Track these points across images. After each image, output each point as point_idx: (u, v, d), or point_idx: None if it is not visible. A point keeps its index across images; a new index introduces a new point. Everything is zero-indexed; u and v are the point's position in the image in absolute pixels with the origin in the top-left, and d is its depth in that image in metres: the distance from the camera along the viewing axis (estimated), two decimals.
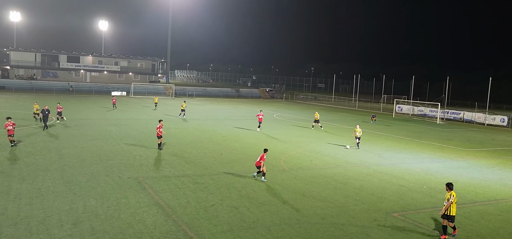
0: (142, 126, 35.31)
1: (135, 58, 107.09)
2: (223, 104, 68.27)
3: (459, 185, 19.71)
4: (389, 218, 14.46)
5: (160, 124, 25.05)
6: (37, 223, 12.44)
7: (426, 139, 36.20)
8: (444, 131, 44.00)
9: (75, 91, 78.97)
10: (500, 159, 27.73)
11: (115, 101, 52.31)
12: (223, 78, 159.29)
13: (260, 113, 36.96)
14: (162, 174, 18.97)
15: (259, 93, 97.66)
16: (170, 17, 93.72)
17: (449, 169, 23.48)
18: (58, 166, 19.57)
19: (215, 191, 16.59)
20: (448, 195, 12.84)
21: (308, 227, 13.17)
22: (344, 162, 23.96)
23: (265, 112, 54.02)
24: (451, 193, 12.81)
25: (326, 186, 18.16)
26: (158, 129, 24.93)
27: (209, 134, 32.29)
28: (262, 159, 18.52)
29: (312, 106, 74.85)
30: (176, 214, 13.81)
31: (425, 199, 17.07)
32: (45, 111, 30.41)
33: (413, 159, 26.00)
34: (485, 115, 54.77)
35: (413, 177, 20.87)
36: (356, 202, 16.08)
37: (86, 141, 26.65)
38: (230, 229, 12.72)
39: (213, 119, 43.86)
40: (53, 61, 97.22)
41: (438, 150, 30.31)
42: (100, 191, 15.83)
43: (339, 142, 31.32)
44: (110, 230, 12.15)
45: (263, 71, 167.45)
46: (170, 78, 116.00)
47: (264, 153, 18.87)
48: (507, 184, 20.59)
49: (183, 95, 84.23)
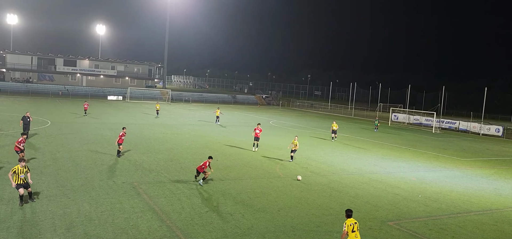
0: (138, 130, 35.19)
1: (132, 62, 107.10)
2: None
3: (454, 194, 19.74)
4: (384, 226, 14.44)
5: (123, 132, 23.65)
6: (30, 227, 12.33)
7: (422, 147, 36.30)
8: (439, 140, 44.15)
9: (70, 94, 78.70)
10: (495, 169, 27.83)
11: (87, 107, 46.46)
12: (220, 84, 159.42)
13: (258, 127, 29.20)
14: (157, 179, 18.89)
15: (255, 100, 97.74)
16: (168, 22, 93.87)
17: (444, 178, 23.53)
18: (52, 169, 19.43)
19: (210, 197, 16.52)
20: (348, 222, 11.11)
21: (303, 235, 13.12)
22: (340, 169, 23.96)
23: (262, 119, 54.13)
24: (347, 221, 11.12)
25: (321, 194, 18.14)
26: (120, 136, 23.31)
27: (205, 140, 32.22)
28: (205, 166, 18.22)
29: (308, 114, 74.94)
30: (170, 219, 13.73)
31: (420, 208, 17.08)
32: (26, 119, 27.75)
33: (408, 168, 26.04)
34: (480, 125, 55.04)
35: (408, 185, 20.88)
36: None
37: (81, 144, 26.52)
38: (224, 235, 12.66)
39: (210, 125, 43.80)
40: (49, 64, 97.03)
41: (434, 159, 30.38)
42: (94, 196, 15.72)
43: (335, 149, 31.33)
44: (104, 235, 12.05)
45: (260, 77, 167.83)
46: (167, 84, 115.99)
47: (208, 160, 18.50)
48: (502, 194, 20.65)
49: (179, 101, 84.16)
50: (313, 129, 46.73)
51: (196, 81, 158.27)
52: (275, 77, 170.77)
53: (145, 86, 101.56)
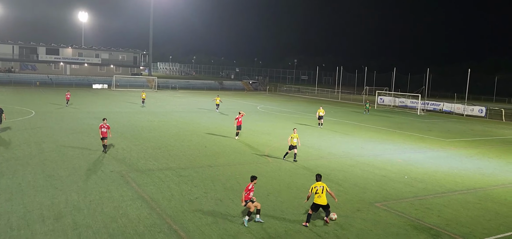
0: (125, 119, 34.89)
1: (116, 50, 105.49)
2: (206, 96, 67.96)
3: (439, 174, 20.14)
4: (372, 208, 14.69)
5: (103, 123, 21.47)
6: (18, 219, 12.21)
7: (407, 129, 36.80)
8: (424, 121, 44.80)
9: (54, 83, 77.40)
10: (479, 149, 28.41)
11: (69, 97, 43.43)
12: (206, 70, 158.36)
13: (239, 115, 27.64)
14: (146, 167, 18.82)
15: (242, 86, 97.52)
16: (152, 8, 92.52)
17: (429, 159, 23.95)
18: (39, 160, 19.20)
19: (199, 184, 16.55)
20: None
21: (292, 218, 13.28)
22: (328, 153, 24.18)
23: (249, 105, 54.13)
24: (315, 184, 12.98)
25: (310, 178, 18.31)
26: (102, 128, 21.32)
27: (192, 127, 32.13)
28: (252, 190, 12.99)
29: (296, 98, 75.15)
30: (160, 207, 13.74)
31: (407, 188, 17.39)
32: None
33: (394, 150, 26.42)
34: (464, 106, 55.96)
35: (394, 167, 21.22)
36: (340, 192, 16.27)
37: (67, 134, 26.21)
38: (214, 221, 12.73)
39: (197, 112, 43.64)
40: (31, 53, 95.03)
41: (419, 140, 30.86)
42: (82, 185, 15.62)
43: (323, 133, 31.56)
44: (93, 225, 12.02)
45: (246, 63, 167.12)
46: (153, 71, 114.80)
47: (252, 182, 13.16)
48: (485, 173, 21.13)
49: (166, 88, 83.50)
50: (301, 113, 46.94)
51: (182, 68, 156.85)
52: (262, 62, 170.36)
53: (131, 74, 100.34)
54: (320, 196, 12.72)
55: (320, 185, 12.91)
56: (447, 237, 12.35)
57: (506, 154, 26.79)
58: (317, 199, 12.76)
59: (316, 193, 12.78)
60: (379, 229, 12.71)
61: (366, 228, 12.79)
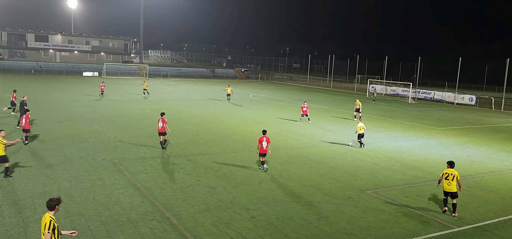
0: (116, 107, 34.69)
1: (107, 37, 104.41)
2: (198, 84, 67.72)
3: (430, 162, 20.38)
4: (363, 195, 14.85)
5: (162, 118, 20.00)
6: (9, 207, 12.16)
7: (399, 118, 37.08)
8: (415, 110, 45.16)
9: (44, 71, 76.46)
10: (468, 137, 28.75)
11: (104, 88, 42.96)
12: (198, 58, 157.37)
13: (304, 105, 31.84)
14: (138, 156, 18.79)
15: (235, 74, 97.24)
16: None
17: (420, 147, 24.20)
18: (29, 148, 19.06)
19: (191, 172, 16.58)
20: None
21: (284, 206, 13.38)
22: (320, 141, 24.32)
23: (240, 93, 54.03)
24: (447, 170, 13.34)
25: (302, 165, 18.43)
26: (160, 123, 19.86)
27: (184, 115, 32.05)
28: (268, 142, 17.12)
29: (288, 86, 75.14)
30: (153, 195, 13.75)
31: (397, 176, 17.59)
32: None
33: (386, 138, 26.63)
34: (454, 94, 56.46)
35: (385, 155, 21.42)
36: (331, 180, 16.42)
37: (58, 122, 26.01)
38: (207, 208, 12.79)
39: (189, 100, 43.49)
40: (20, 40, 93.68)
41: (410, 128, 31.13)
42: (74, 174, 15.56)
43: (314, 122, 31.68)
44: (86, 213, 12.01)
45: (238, 51, 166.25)
46: (144, 58, 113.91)
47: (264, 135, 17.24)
48: (475, 160, 21.42)
49: (157, 76, 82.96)
50: (293, 101, 47.01)
51: (173, 56, 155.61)
52: (254, 50, 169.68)
53: (122, 61, 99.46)
54: (450, 183, 13.10)
55: (451, 172, 13.21)
56: (436, 224, 12.55)
57: (495, 142, 27.16)
58: (446, 186, 13.15)
59: (446, 179, 13.14)
60: (370, 216, 12.87)
61: (357, 215, 12.95)
